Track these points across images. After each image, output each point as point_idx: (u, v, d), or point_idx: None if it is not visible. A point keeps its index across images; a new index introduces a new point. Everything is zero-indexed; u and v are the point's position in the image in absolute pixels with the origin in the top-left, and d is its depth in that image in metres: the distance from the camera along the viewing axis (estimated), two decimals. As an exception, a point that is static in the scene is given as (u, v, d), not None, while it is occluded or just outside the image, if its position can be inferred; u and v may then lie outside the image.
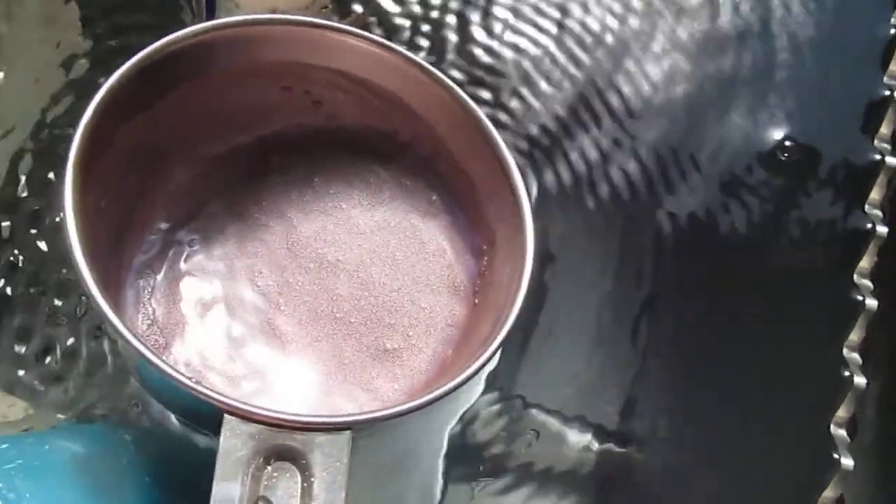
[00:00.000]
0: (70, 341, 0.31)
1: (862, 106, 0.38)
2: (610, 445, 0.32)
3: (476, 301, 0.29)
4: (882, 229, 0.35)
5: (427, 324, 0.29)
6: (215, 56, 0.26)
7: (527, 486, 0.32)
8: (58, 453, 0.25)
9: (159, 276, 0.28)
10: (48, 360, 0.31)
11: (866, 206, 0.36)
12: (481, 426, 0.32)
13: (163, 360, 0.21)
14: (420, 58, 0.28)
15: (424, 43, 0.37)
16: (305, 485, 0.21)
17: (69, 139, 0.23)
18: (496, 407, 0.32)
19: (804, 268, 0.36)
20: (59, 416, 0.30)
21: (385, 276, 0.29)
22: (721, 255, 0.36)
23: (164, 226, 0.29)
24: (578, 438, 0.32)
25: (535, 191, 0.35)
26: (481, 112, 0.27)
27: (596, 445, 0.32)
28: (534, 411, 0.32)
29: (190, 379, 0.21)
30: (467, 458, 0.32)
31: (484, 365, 0.24)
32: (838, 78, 0.39)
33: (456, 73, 0.37)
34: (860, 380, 0.32)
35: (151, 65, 0.25)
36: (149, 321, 0.27)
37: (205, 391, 0.21)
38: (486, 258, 0.29)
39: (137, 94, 0.25)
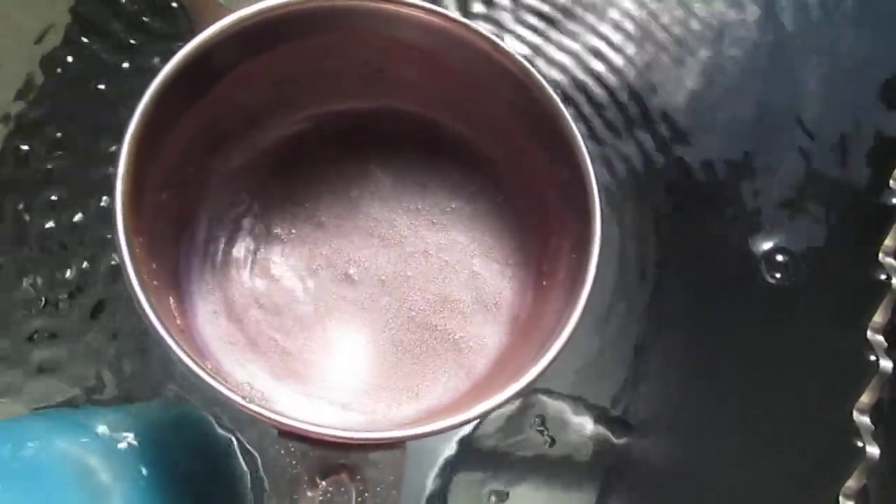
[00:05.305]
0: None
1: (887, 80, 0.37)
2: (620, 433, 0.32)
3: (545, 283, 0.28)
4: (909, 205, 0.34)
5: (487, 315, 0.28)
6: (274, 35, 0.25)
7: (533, 472, 0.32)
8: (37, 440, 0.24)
9: (225, 263, 0.28)
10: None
11: (891, 182, 0.35)
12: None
13: (217, 380, 0.21)
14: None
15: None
16: (360, 499, 0.21)
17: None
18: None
19: (827, 246, 0.35)
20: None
21: (449, 270, 0.29)
22: (738, 236, 0.35)
23: (227, 213, 0.28)
24: (586, 425, 0.32)
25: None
26: (550, 88, 0.25)
27: (606, 433, 0.32)
28: (539, 397, 0.32)
29: (243, 398, 0.21)
30: (473, 446, 0.32)
31: (559, 352, 0.23)
32: (865, 51, 0.38)
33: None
34: (885, 363, 0.32)
35: (200, 55, 0.24)
36: (214, 309, 0.27)
37: (258, 410, 0.21)
38: (553, 237, 0.27)
39: (190, 85, 0.24)
